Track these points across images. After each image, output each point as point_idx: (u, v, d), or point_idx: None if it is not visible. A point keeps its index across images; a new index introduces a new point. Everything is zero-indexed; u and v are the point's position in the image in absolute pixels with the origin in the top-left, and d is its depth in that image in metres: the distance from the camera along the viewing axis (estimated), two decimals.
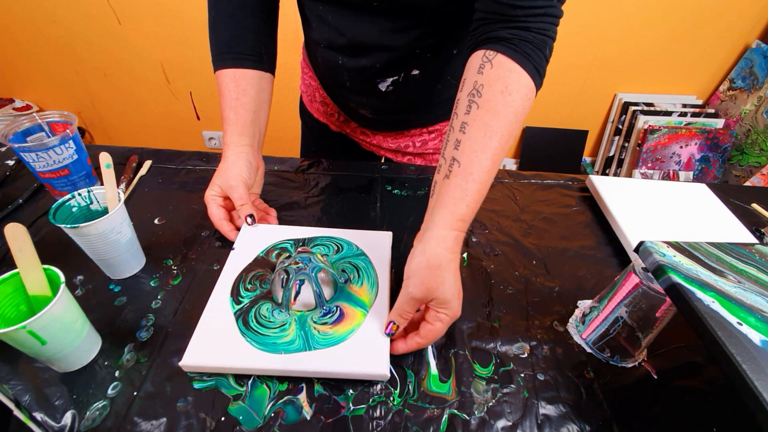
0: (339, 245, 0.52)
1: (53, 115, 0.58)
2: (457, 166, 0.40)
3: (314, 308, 0.44)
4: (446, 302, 0.39)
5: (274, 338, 0.41)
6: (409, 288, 0.40)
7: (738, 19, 1.48)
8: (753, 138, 1.54)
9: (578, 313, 0.48)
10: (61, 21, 1.55)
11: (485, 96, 0.40)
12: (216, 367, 0.39)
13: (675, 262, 0.36)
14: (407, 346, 0.41)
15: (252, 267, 0.48)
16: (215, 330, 0.41)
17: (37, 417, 0.36)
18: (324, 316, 0.43)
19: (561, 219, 0.62)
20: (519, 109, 0.40)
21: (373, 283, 0.47)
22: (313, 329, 0.42)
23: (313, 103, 0.78)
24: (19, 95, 1.78)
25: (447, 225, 0.40)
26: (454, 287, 0.40)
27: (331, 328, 0.42)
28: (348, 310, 0.44)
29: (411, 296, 0.40)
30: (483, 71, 0.41)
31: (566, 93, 1.68)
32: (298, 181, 0.67)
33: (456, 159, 0.40)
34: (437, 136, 0.72)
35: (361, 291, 0.46)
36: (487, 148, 0.40)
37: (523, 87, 0.40)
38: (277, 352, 0.39)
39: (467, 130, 0.40)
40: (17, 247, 0.36)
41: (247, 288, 0.46)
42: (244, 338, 0.41)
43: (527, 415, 0.39)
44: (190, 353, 0.39)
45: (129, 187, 0.63)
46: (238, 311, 0.43)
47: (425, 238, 0.40)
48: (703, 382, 0.42)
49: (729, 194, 0.69)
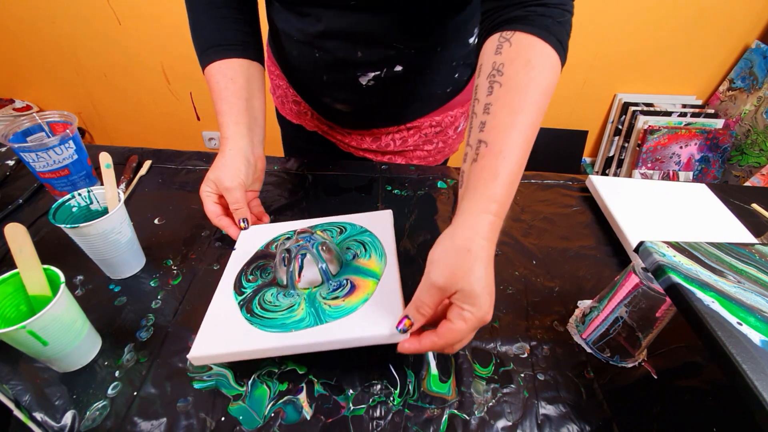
0: (342, 227, 0.51)
1: (53, 115, 0.58)
2: (485, 146, 0.37)
3: (321, 284, 0.43)
4: (473, 296, 0.33)
5: (282, 319, 0.39)
6: (431, 274, 0.34)
7: (738, 19, 1.48)
8: (753, 138, 1.54)
9: (578, 313, 0.48)
10: (61, 21, 1.55)
11: (507, 74, 0.38)
12: (225, 354, 0.38)
13: (675, 262, 0.36)
14: (420, 346, 0.35)
15: (253, 260, 0.48)
16: (220, 322, 0.41)
17: (37, 417, 0.36)
18: (335, 291, 0.42)
19: (561, 219, 0.62)
20: (545, 82, 0.38)
21: (382, 254, 0.46)
22: (323, 305, 0.40)
23: (285, 105, 0.75)
24: (19, 95, 1.78)
25: (479, 208, 0.35)
26: (484, 280, 0.33)
27: (343, 300, 0.40)
28: (359, 281, 0.42)
29: (432, 284, 0.34)
30: (501, 51, 0.39)
31: (566, 93, 1.68)
32: (298, 181, 0.67)
33: (482, 140, 0.37)
34: (416, 132, 0.70)
35: (370, 263, 0.45)
36: (516, 125, 0.37)
37: (546, 59, 0.38)
38: (287, 331, 0.38)
39: (491, 110, 0.37)
40: (17, 247, 0.37)
41: (249, 279, 0.46)
42: (251, 325, 0.40)
43: (527, 415, 0.39)
44: (197, 346, 0.38)
45: (129, 187, 0.63)
46: (242, 301, 0.43)
47: (454, 224, 0.36)
48: (703, 382, 0.42)
49: (729, 194, 0.69)
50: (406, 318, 0.35)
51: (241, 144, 0.52)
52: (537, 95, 0.37)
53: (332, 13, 0.51)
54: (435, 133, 0.71)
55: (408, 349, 0.35)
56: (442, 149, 0.74)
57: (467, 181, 0.38)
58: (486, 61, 0.40)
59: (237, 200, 0.50)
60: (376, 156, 0.74)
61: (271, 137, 0.66)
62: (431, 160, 0.76)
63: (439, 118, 0.69)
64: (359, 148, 0.73)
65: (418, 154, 0.74)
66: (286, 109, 0.76)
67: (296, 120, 0.76)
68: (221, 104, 0.52)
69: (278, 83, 0.73)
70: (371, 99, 0.62)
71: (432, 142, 0.72)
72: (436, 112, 0.68)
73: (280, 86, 0.73)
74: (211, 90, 0.53)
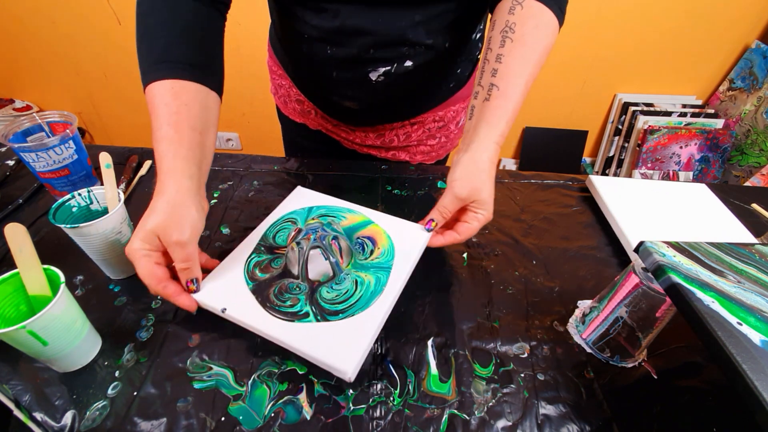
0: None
1: (53, 115, 0.58)
2: (497, 90, 0.46)
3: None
4: (485, 203, 0.46)
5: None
6: (455, 189, 0.46)
7: (738, 19, 1.48)
8: (753, 138, 1.54)
9: (578, 313, 0.48)
10: (61, 22, 1.55)
11: (519, 32, 0.46)
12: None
13: (675, 262, 0.36)
14: (445, 240, 0.48)
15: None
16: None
17: (37, 417, 0.36)
18: (360, 250, 0.48)
19: (561, 219, 0.62)
20: (547, 43, 0.48)
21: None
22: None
23: (288, 104, 0.75)
24: (19, 95, 1.79)
25: (492, 139, 0.46)
26: (491, 191, 0.46)
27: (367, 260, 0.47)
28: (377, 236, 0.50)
29: (456, 196, 0.46)
30: (514, 12, 0.47)
31: (566, 93, 1.68)
32: (298, 181, 0.67)
33: (495, 84, 0.46)
34: (420, 127, 0.71)
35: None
36: (523, 75, 0.46)
37: (551, 24, 0.47)
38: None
39: (503, 60, 0.46)
40: (17, 247, 0.37)
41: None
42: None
43: (527, 415, 0.39)
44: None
45: (129, 187, 0.63)
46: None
47: (472, 149, 0.46)
48: (703, 382, 0.42)
49: (729, 194, 0.69)
50: (431, 220, 0.49)
51: (190, 185, 0.41)
52: (540, 53, 0.47)
53: (351, 9, 0.51)
54: (438, 128, 0.72)
55: (436, 243, 0.49)
56: (444, 144, 0.75)
57: (480, 114, 0.48)
58: (500, 18, 0.48)
59: (189, 257, 0.40)
60: (380, 152, 0.75)
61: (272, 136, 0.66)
62: (434, 155, 0.77)
63: (442, 113, 0.70)
64: (363, 145, 0.74)
65: (421, 149, 0.75)
66: (289, 109, 0.76)
67: (299, 119, 0.76)
68: (167, 130, 0.41)
69: (280, 83, 0.73)
70: (379, 95, 0.62)
71: (435, 137, 0.73)
72: (440, 107, 0.69)
73: (282, 86, 0.73)
74: (153, 110, 0.42)
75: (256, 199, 0.62)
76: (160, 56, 0.43)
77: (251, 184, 0.65)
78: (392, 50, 0.55)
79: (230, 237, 0.56)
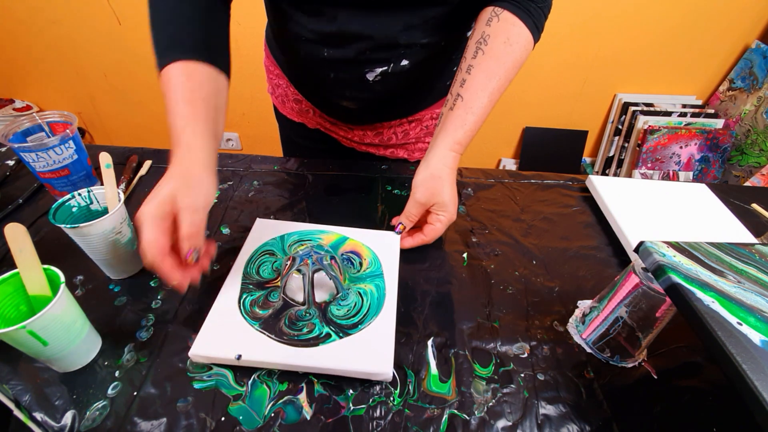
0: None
1: (53, 115, 0.58)
2: (461, 100, 0.49)
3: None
4: (445, 206, 0.50)
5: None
6: (416, 195, 0.51)
7: (738, 19, 1.48)
8: (753, 138, 1.54)
9: (578, 313, 0.48)
10: (61, 21, 1.55)
11: (490, 45, 0.49)
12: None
13: (675, 262, 0.36)
14: (414, 241, 0.53)
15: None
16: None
17: (37, 417, 0.36)
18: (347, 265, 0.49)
19: (561, 219, 0.62)
20: (517, 57, 0.49)
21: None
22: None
23: (286, 104, 0.75)
24: (19, 95, 1.78)
25: (447, 146, 0.50)
26: (451, 194, 0.50)
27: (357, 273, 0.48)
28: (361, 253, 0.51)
29: (417, 201, 0.51)
30: (491, 24, 0.49)
31: (566, 93, 1.68)
32: (298, 181, 0.67)
33: (460, 95, 0.50)
34: (417, 124, 0.71)
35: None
36: (487, 88, 0.49)
37: (522, 40, 0.49)
38: None
39: (472, 72, 0.49)
40: (17, 247, 0.37)
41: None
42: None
43: (527, 415, 0.39)
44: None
45: (129, 187, 0.63)
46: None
47: (428, 158, 0.50)
48: (703, 382, 0.42)
49: (729, 194, 0.69)
50: (400, 224, 0.53)
51: (205, 158, 0.42)
52: (507, 68, 0.49)
53: (348, 13, 0.51)
54: (436, 125, 0.72)
55: (406, 245, 0.53)
56: None
57: (442, 123, 0.51)
58: (478, 27, 0.50)
59: (198, 223, 0.39)
60: (378, 150, 0.75)
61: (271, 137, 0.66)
62: None
63: (439, 110, 0.70)
64: (362, 143, 0.74)
65: (419, 147, 0.75)
66: (287, 108, 0.76)
67: (297, 118, 0.76)
68: (184, 106, 0.43)
69: (278, 83, 0.73)
70: (377, 94, 0.62)
71: (432, 134, 0.73)
72: (437, 104, 0.70)
73: (279, 86, 0.73)
74: (168, 90, 0.43)
75: (256, 199, 0.63)
76: (174, 39, 0.46)
77: (251, 184, 0.65)
78: (389, 51, 0.55)
79: (230, 237, 0.56)
